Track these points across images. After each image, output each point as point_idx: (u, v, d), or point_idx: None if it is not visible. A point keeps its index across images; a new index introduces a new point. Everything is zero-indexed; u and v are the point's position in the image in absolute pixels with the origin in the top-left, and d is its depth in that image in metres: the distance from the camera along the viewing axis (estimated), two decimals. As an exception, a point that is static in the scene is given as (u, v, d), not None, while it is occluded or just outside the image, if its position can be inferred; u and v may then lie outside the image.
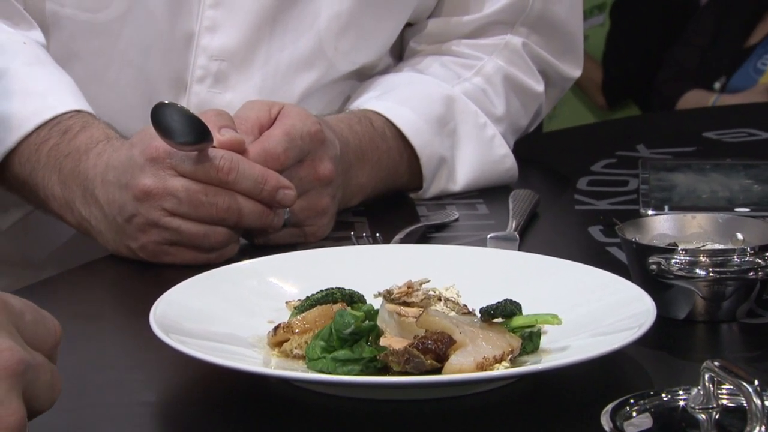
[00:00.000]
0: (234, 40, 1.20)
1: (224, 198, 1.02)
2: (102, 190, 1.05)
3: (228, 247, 1.04)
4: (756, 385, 0.65)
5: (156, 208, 1.02)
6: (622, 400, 0.71)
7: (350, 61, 1.24)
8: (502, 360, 0.79)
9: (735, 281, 0.90)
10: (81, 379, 0.84)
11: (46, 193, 1.10)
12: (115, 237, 1.05)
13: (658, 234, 0.95)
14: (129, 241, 1.04)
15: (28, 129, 1.11)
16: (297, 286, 0.91)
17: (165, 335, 0.80)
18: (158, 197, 1.02)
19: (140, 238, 1.03)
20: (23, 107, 1.12)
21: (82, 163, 1.07)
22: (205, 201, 1.02)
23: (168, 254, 1.04)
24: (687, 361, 0.86)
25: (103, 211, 1.05)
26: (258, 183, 1.03)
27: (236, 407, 0.79)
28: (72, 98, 1.13)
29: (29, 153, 1.10)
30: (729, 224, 0.95)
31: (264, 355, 0.84)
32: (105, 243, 1.07)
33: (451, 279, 0.88)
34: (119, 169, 1.04)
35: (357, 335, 0.81)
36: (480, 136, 1.25)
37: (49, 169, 1.09)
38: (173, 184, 1.02)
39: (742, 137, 1.48)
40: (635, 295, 0.86)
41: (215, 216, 1.02)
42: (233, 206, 1.02)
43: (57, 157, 1.09)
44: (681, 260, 0.89)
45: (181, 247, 1.03)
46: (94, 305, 1.01)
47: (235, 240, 1.05)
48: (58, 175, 1.08)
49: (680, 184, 1.24)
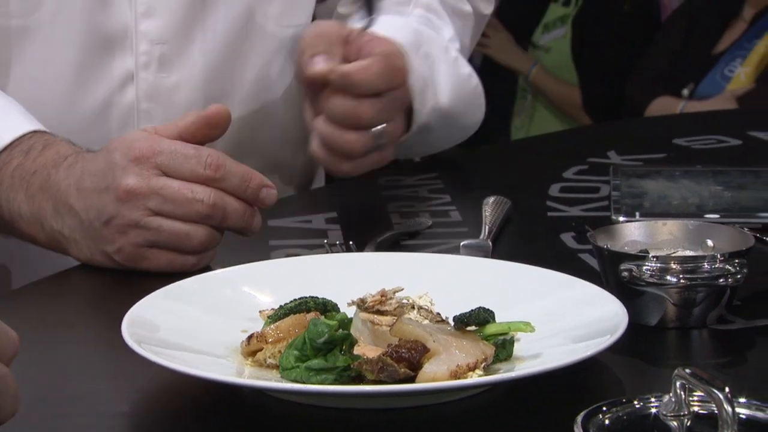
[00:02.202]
0: (170, 22, 1.23)
1: (210, 195, 1.02)
2: (78, 197, 1.04)
3: (207, 252, 1.04)
4: (727, 392, 0.65)
5: (138, 207, 1.02)
6: (595, 408, 0.71)
7: (281, 26, 1.28)
8: (476, 368, 0.79)
9: (705, 287, 0.90)
10: (52, 390, 0.84)
11: (12, 214, 1.09)
12: (91, 244, 1.04)
13: (629, 241, 0.96)
14: (106, 246, 1.03)
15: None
16: (270, 295, 0.91)
17: (137, 345, 0.79)
18: (142, 196, 1.01)
19: (118, 241, 1.03)
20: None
21: (53, 177, 1.06)
22: (191, 197, 1.01)
23: (145, 258, 1.03)
24: (659, 368, 0.87)
25: (78, 218, 1.05)
26: (244, 181, 1.03)
27: (210, 417, 0.79)
28: (26, 119, 1.12)
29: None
30: (699, 231, 0.96)
31: (237, 365, 0.84)
32: (78, 253, 1.06)
33: (425, 287, 0.89)
34: (98, 175, 1.04)
35: (330, 344, 0.81)
36: (447, 58, 1.27)
37: (14, 189, 1.08)
38: (157, 182, 1.01)
39: (711, 144, 1.50)
40: (607, 302, 0.86)
41: (201, 212, 1.02)
42: (219, 203, 1.02)
43: (23, 176, 1.08)
44: (652, 267, 0.90)
45: (160, 249, 1.03)
46: (66, 315, 1.00)
47: (215, 243, 1.05)
48: (25, 192, 1.07)
49: (651, 191, 1.25)
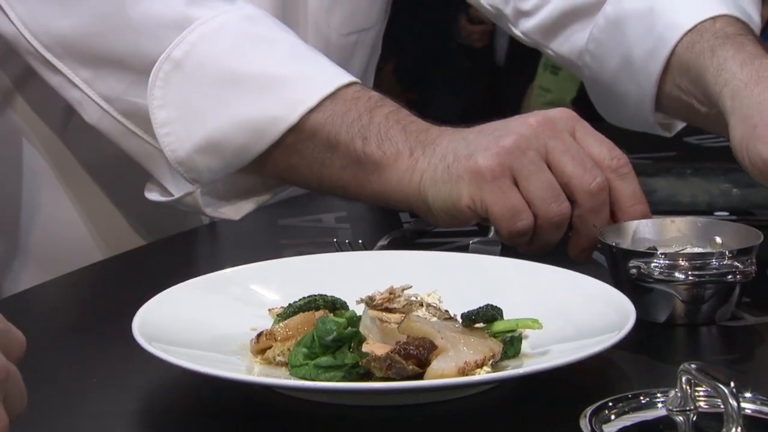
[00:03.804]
0: None
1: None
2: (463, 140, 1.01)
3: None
4: (732, 387, 0.65)
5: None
6: (601, 403, 0.72)
7: (341, 35, 1.26)
8: (484, 365, 0.79)
9: (714, 284, 0.90)
10: (63, 388, 0.84)
11: (385, 149, 1.04)
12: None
13: (638, 238, 0.96)
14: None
15: (343, 81, 1.07)
16: (279, 294, 0.92)
17: (148, 343, 0.80)
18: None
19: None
20: (326, 68, 1.09)
21: (432, 131, 1.03)
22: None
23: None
24: (666, 364, 0.87)
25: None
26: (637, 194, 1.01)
27: (219, 415, 0.80)
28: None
29: (357, 112, 1.05)
30: (708, 228, 0.96)
31: (247, 363, 0.84)
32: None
33: (433, 285, 0.89)
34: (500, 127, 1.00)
35: (339, 342, 0.81)
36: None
37: (378, 114, 1.04)
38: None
39: (723, 142, 1.49)
40: (616, 299, 0.86)
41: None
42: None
43: (399, 119, 1.04)
44: (660, 264, 0.90)
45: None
46: (77, 314, 1.01)
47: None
48: (400, 125, 1.04)
49: (661, 189, 1.25)
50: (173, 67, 1.07)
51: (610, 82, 1.21)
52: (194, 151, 1.07)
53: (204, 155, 1.07)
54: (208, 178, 1.09)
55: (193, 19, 1.07)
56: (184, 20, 1.07)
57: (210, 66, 1.07)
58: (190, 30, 1.07)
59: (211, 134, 1.06)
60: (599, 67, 1.22)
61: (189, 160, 1.08)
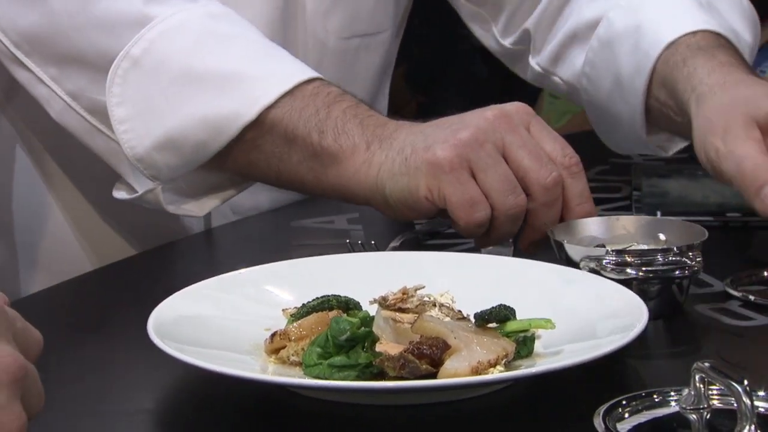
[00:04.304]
0: None
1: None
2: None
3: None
4: (745, 385, 0.66)
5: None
6: (615, 402, 0.72)
7: (340, 38, 1.27)
8: (497, 364, 0.80)
9: (663, 280, 0.91)
10: (80, 387, 0.85)
11: (341, 142, 1.04)
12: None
13: (586, 236, 0.97)
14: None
15: (303, 78, 1.07)
16: (293, 294, 0.92)
17: (163, 343, 0.80)
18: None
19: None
20: (285, 65, 1.09)
21: (389, 126, 1.04)
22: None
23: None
24: (680, 363, 0.87)
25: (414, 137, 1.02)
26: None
27: (234, 414, 0.80)
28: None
29: (315, 107, 1.06)
30: (652, 226, 0.98)
31: (261, 362, 0.84)
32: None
33: (446, 285, 0.89)
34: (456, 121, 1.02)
35: (353, 341, 0.82)
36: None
37: (336, 109, 1.05)
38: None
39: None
40: (627, 298, 0.87)
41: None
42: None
43: (356, 113, 1.05)
44: (612, 261, 0.91)
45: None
46: (91, 315, 1.01)
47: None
48: (357, 119, 1.04)
49: (672, 190, 1.25)
50: (132, 64, 1.08)
51: (605, 104, 1.23)
52: (153, 148, 1.08)
53: (163, 152, 1.08)
54: (168, 175, 1.10)
55: (153, 17, 1.08)
56: (144, 18, 1.08)
57: (169, 63, 1.08)
58: (150, 27, 1.08)
59: (169, 131, 1.07)
60: (595, 90, 1.24)
61: (148, 157, 1.08)
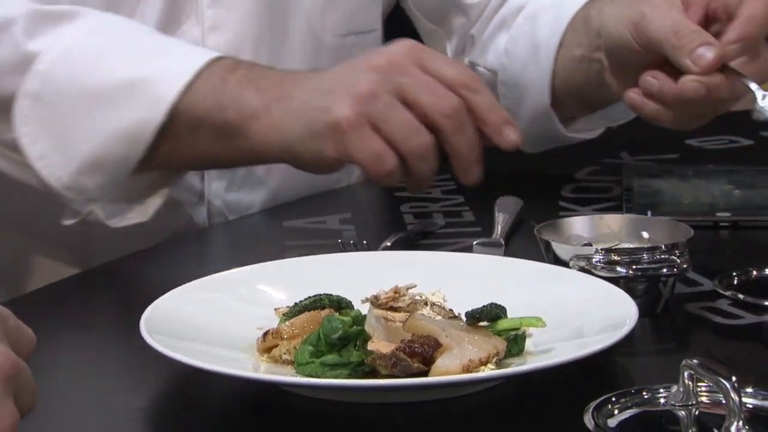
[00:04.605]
0: (239, 35, 1.22)
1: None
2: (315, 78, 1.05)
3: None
4: (734, 382, 0.66)
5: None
6: (604, 398, 0.72)
7: (337, 35, 1.28)
8: (488, 362, 0.80)
9: (651, 278, 0.92)
10: (72, 386, 0.85)
11: (242, 111, 1.06)
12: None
13: (572, 234, 0.98)
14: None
15: (197, 66, 1.08)
16: (285, 293, 0.93)
17: (156, 342, 0.81)
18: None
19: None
20: (177, 57, 1.10)
21: (285, 83, 1.06)
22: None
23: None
24: (669, 361, 0.87)
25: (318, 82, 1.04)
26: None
27: (226, 412, 0.81)
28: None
29: (211, 85, 1.07)
30: (636, 224, 0.99)
31: (253, 361, 0.85)
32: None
33: (437, 284, 0.90)
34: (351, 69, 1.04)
35: (345, 340, 0.82)
36: None
37: (231, 80, 1.07)
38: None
39: (724, 144, 1.50)
40: (617, 297, 0.87)
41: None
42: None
43: (251, 79, 1.07)
44: (601, 259, 0.92)
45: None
46: (85, 313, 1.02)
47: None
48: (252, 85, 1.06)
49: (663, 190, 1.26)
50: (33, 101, 1.09)
51: (519, 76, 1.25)
52: (77, 174, 1.09)
53: (88, 175, 1.09)
54: (101, 194, 1.11)
55: (37, 53, 1.09)
56: (28, 56, 1.09)
57: (67, 90, 1.08)
58: (38, 62, 1.09)
59: (87, 155, 1.08)
60: (512, 63, 1.26)
61: (75, 184, 1.10)
